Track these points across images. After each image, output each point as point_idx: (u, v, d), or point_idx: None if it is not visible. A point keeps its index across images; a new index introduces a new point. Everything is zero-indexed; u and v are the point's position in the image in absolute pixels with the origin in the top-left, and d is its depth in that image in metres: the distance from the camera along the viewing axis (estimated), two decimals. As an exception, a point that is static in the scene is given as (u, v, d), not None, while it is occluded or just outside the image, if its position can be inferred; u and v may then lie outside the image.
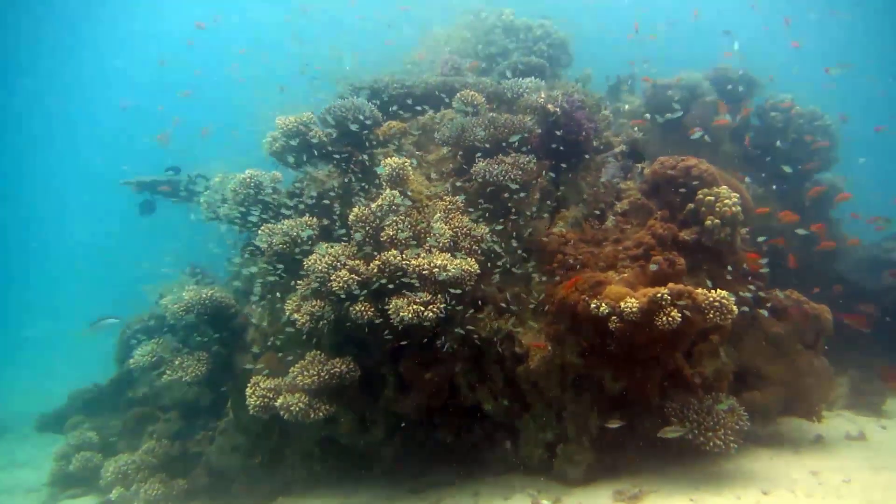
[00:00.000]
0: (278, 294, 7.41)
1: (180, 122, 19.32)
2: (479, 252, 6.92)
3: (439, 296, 6.47)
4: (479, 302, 7.00)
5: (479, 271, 6.66)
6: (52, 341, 24.76)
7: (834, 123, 10.80)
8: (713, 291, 5.87)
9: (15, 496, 9.72)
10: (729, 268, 6.96)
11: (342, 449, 7.47)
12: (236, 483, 7.72)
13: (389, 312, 6.42)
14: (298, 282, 7.04)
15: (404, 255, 6.68)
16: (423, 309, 6.34)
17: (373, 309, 6.66)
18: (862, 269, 9.94)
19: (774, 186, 10.09)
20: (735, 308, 5.83)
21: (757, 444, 6.86)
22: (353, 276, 6.67)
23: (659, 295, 5.67)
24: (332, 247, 6.97)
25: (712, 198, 6.84)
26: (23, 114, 35.24)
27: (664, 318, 5.62)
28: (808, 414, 7.04)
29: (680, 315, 5.63)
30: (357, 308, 6.62)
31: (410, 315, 6.29)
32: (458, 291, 6.47)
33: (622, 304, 5.74)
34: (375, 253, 6.86)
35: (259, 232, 7.34)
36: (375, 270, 6.67)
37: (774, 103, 10.97)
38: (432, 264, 6.46)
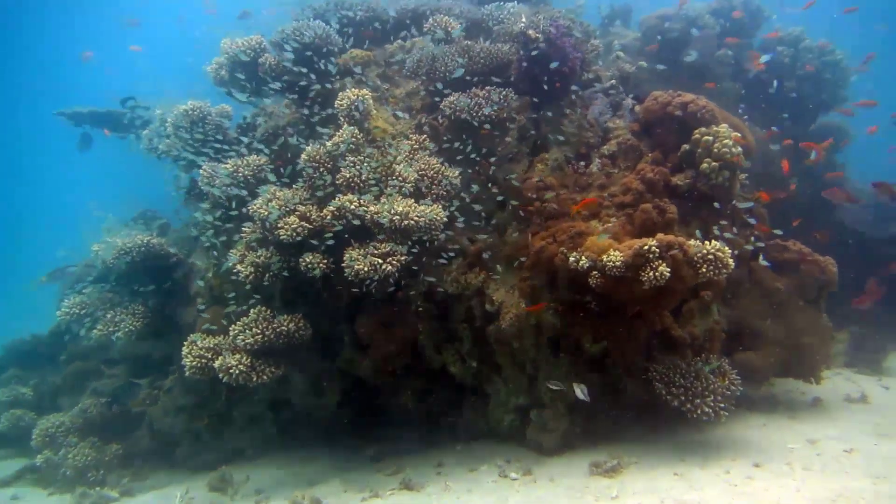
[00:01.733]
0: (222, 242, 6.68)
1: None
2: (448, 198, 6.26)
3: (401, 247, 5.76)
4: (447, 254, 6.38)
5: (446, 219, 6.02)
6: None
7: (845, 58, 9.97)
8: (707, 243, 5.34)
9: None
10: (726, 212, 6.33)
11: (295, 413, 6.97)
12: (180, 447, 7.19)
13: (343, 265, 5.71)
14: (245, 228, 6.29)
15: (362, 201, 5.92)
16: (380, 262, 5.67)
17: (326, 260, 5.94)
18: (867, 218, 9.28)
19: (775, 127, 9.33)
20: (731, 262, 5.32)
21: (750, 409, 6.46)
22: (303, 223, 5.93)
23: (646, 247, 5.10)
24: (280, 190, 6.19)
25: (710, 137, 6.23)
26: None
27: (651, 274, 5.06)
28: (806, 375, 6.65)
29: (669, 270, 5.04)
30: (308, 259, 5.91)
31: (367, 268, 5.61)
32: (423, 242, 5.75)
33: (604, 258, 5.20)
34: (335, 195, 6.10)
35: (200, 172, 6.54)
36: (329, 217, 5.93)
37: (782, 36, 10.12)
38: (393, 212, 5.73)
